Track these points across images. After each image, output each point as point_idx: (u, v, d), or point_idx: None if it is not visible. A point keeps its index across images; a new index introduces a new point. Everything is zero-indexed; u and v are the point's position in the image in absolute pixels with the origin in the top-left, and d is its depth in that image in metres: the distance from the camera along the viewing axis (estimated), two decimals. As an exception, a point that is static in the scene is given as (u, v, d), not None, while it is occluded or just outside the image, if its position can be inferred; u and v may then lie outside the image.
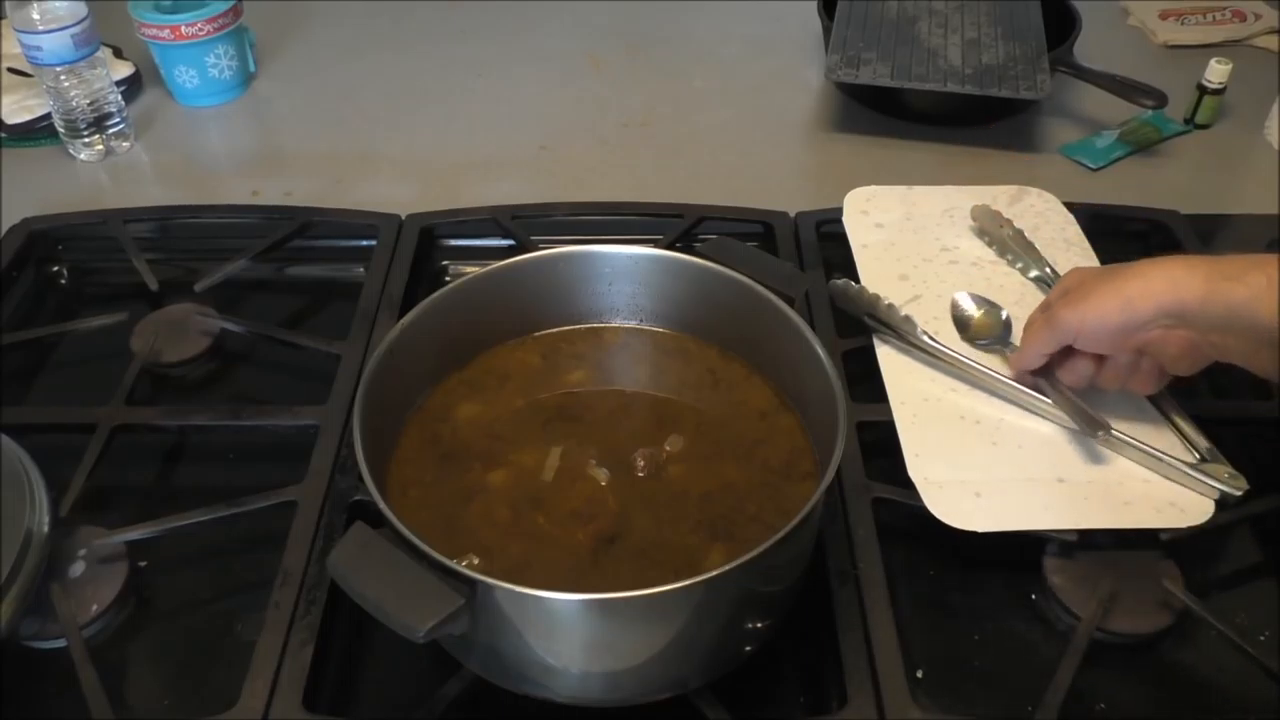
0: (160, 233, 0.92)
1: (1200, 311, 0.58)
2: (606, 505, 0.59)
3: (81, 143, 1.01)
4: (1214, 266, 0.58)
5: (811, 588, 0.61)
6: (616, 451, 0.62)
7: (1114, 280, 0.62)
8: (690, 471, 0.62)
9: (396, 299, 0.81)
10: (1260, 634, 0.62)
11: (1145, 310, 0.60)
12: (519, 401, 0.66)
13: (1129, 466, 0.67)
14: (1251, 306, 0.56)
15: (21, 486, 0.62)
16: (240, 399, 0.78)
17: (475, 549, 0.57)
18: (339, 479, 0.68)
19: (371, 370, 0.59)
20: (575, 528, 0.58)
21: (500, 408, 0.65)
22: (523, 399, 0.66)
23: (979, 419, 0.70)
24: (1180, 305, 0.59)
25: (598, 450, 0.62)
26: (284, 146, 1.06)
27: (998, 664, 0.61)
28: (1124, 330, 0.61)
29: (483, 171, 1.00)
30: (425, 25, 1.26)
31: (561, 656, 0.54)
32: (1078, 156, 1.01)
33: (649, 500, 0.60)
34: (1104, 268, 0.65)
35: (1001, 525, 0.63)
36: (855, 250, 0.83)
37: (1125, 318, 0.61)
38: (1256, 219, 0.92)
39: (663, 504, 0.60)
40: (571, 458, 0.62)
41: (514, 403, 0.65)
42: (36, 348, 0.82)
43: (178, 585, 0.65)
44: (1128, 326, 0.61)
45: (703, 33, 1.24)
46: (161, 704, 0.59)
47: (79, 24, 0.95)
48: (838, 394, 0.57)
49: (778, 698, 0.60)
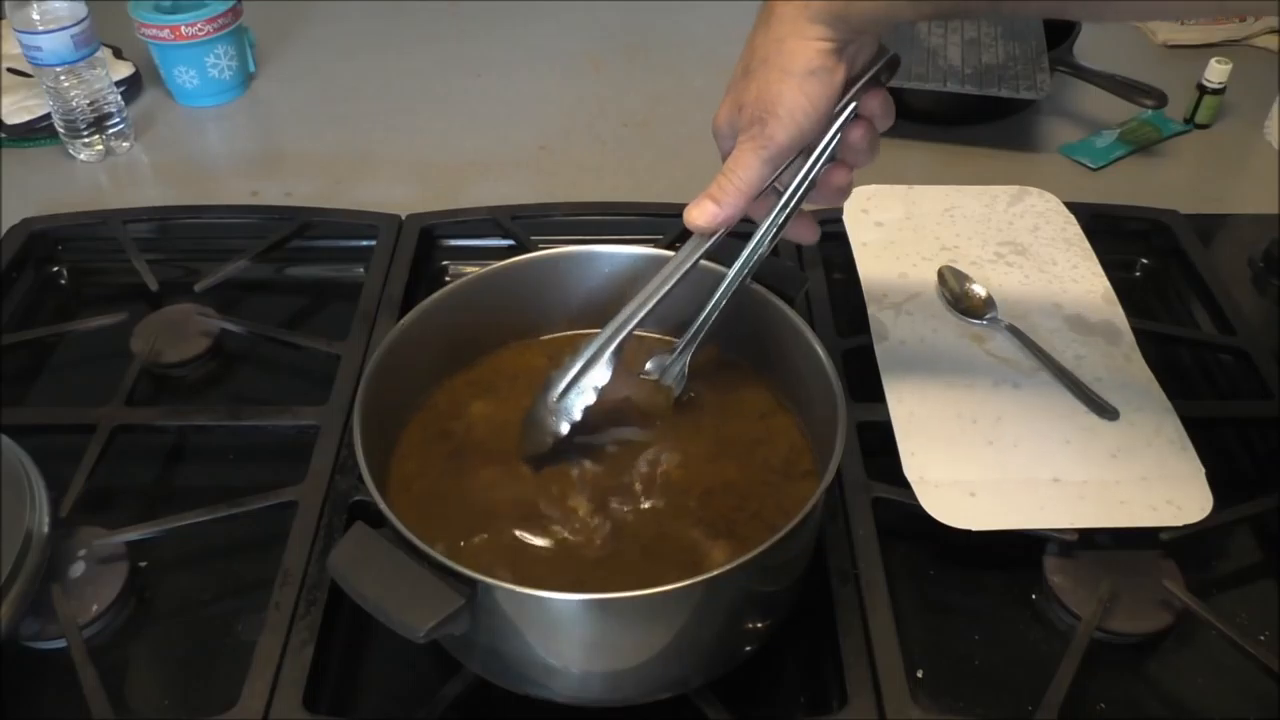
0: (160, 233, 0.92)
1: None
2: (608, 504, 0.59)
3: (81, 143, 1.01)
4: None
5: (811, 588, 0.61)
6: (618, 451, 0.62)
7: (767, 72, 0.54)
8: (690, 471, 0.62)
9: (396, 299, 0.81)
10: (1260, 634, 0.62)
11: (819, 58, 0.53)
12: (527, 401, 0.66)
13: (1126, 466, 0.67)
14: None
15: (21, 487, 0.62)
16: (240, 399, 0.78)
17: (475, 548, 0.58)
18: (339, 479, 0.68)
19: (371, 370, 0.59)
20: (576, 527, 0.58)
21: (507, 409, 0.65)
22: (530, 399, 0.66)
23: (976, 418, 0.70)
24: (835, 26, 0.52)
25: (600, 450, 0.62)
26: (284, 147, 1.06)
27: (998, 664, 0.61)
28: (827, 88, 0.53)
29: (483, 171, 1.00)
30: (425, 25, 1.26)
31: (562, 656, 0.54)
32: (1078, 156, 1.01)
33: (650, 500, 0.60)
34: (735, 91, 0.56)
35: (997, 524, 0.63)
36: (855, 249, 0.83)
37: (822, 82, 0.53)
38: (1256, 219, 0.93)
39: (664, 504, 0.60)
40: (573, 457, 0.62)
41: (523, 402, 0.65)
42: (36, 348, 0.82)
43: (178, 585, 0.65)
44: (831, 85, 0.53)
45: (703, 33, 1.24)
46: (161, 704, 0.59)
47: (79, 24, 0.95)
48: (838, 394, 0.57)
49: (778, 697, 0.60)
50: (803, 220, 0.61)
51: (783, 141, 0.54)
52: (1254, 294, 0.86)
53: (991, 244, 0.85)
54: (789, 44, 0.52)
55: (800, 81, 0.53)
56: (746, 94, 0.54)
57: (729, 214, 0.57)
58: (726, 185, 0.56)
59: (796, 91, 0.53)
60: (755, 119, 0.54)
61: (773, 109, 0.53)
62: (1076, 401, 0.71)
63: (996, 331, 0.77)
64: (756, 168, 0.55)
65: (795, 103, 0.53)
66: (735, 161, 0.56)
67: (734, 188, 0.56)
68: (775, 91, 0.53)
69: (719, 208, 0.56)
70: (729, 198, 0.56)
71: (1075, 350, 0.75)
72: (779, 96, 0.53)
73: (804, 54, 0.52)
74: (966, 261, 0.83)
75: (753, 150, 0.55)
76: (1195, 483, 0.66)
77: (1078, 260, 0.83)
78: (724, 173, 0.56)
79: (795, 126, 0.54)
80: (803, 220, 0.61)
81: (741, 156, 0.55)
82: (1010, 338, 0.76)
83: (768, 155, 0.55)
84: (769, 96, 0.53)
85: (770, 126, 0.54)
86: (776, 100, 0.53)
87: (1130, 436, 0.69)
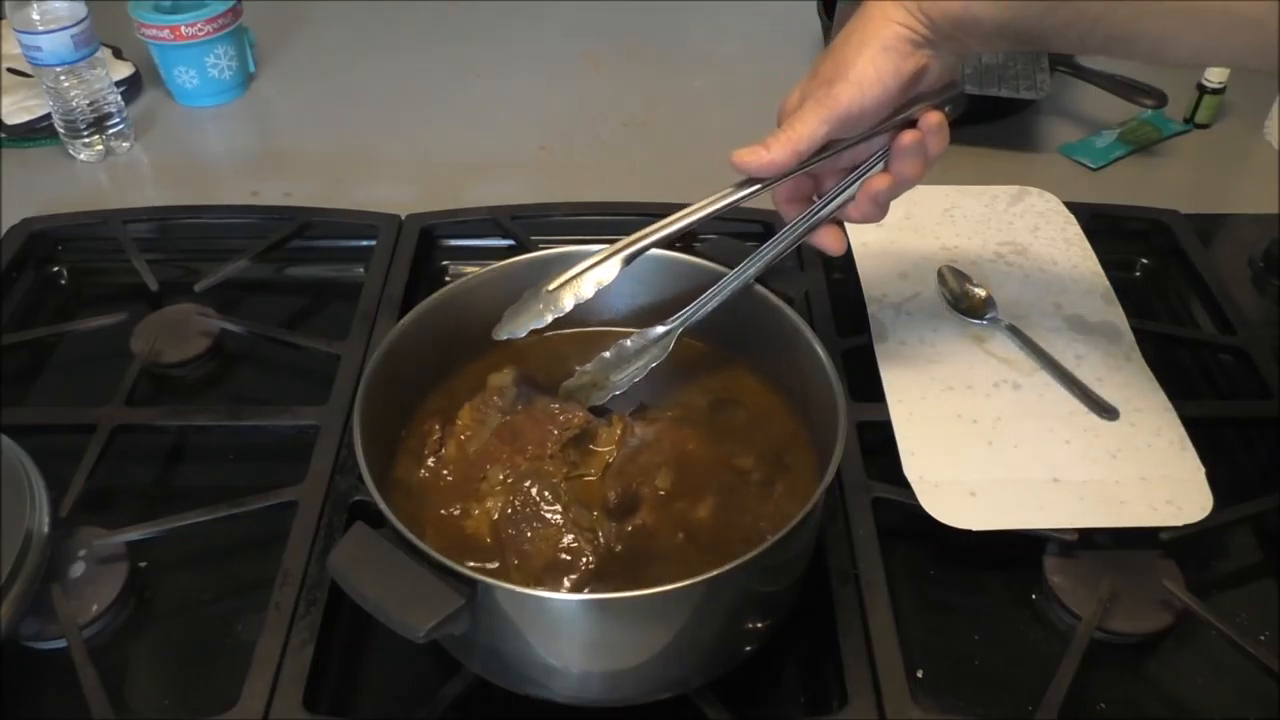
0: (160, 233, 0.92)
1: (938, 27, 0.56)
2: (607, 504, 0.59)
3: (81, 143, 1.01)
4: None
5: (811, 588, 0.61)
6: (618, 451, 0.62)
7: (846, 42, 0.58)
8: (690, 471, 0.62)
9: (396, 299, 0.81)
10: (1260, 634, 0.62)
11: (897, 40, 0.57)
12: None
13: (1125, 466, 0.67)
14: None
15: (22, 487, 0.62)
16: (240, 399, 0.78)
17: (477, 549, 0.58)
18: (339, 479, 0.68)
19: (371, 370, 0.59)
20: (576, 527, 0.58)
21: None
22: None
23: (975, 418, 0.70)
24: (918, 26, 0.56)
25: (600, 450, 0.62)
26: (284, 147, 1.06)
27: (998, 664, 0.61)
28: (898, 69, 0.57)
29: (483, 171, 1.00)
30: (425, 26, 1.26)
31: (562, 656, 0.54)
32: (1078, 156, 1.01)
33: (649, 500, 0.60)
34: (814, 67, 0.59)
35: (996, 524, 0.63)
36: (855, 249, 0.83)
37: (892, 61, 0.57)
38: (1256, 219, 0.93)
39: (663, 503, 0.60)
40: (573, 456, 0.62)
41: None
42: (36, 348, 0.82)
43: (178, 585, 0.65)
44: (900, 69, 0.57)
45: (703, 33, 1.24)
46: (161, 704, 0.59)
47: (79, 24, 0.95)
48: (838, 394, 0.57)
49: (778, 698, 0.60)
50: (831, 230, 0.64)
51: (844, 104, 0.57)
52: (1254, 294, 0.86)
53: (991, 244, 0.85)
54: (873, 21, 0.57)
55: (874, 53, 0.57)
56: (824, 64, 0.58)
57: (775, 160, 0.58)
58: (780, 135, 0.59)
59: (868, 62, 0.57)
60: (825, 81, 0.58)
61: (844, 72, 0.57)
62: (1076, 401, 0.71)
63: (996, 331, 0.77)
64: (814, 125, 0.58)
65: (864, 71, 0.57)
66: (795, 117, 0.59)
67: (786, 137, 0.58)
68: (849, 57, 0.57)
69: (767, 151, 0.58)
70: (780, 145, 0.58)
71: (1075, 350, 0.75)
72: (851, 61, 0.57)
73: (883, 31, 0.56)
74: (966, 261, 0.83)
75: (814, 108, 0.58)
76: (1195, 483, 0.66)
77: (1078, 260, 0.83)
78: (784, 125, 0.59)
79: (859, 93, 0.57)
80: (831, 230, 0.64)
81: (803, 113, 0.58)
82: (1010, 338, 0.76)
83: (827, 114, 0.57)
84: (842, 61, 0.57)
85: (837, 87, 0.57)
86: (849, 65, 0.57)
87: (1130, 436, 0.69)
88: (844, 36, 0.58)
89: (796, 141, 0.58)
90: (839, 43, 0.58)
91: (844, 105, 0.57)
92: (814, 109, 0.57)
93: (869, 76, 0.57)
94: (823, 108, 0.57)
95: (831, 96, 0.57)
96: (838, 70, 0.57)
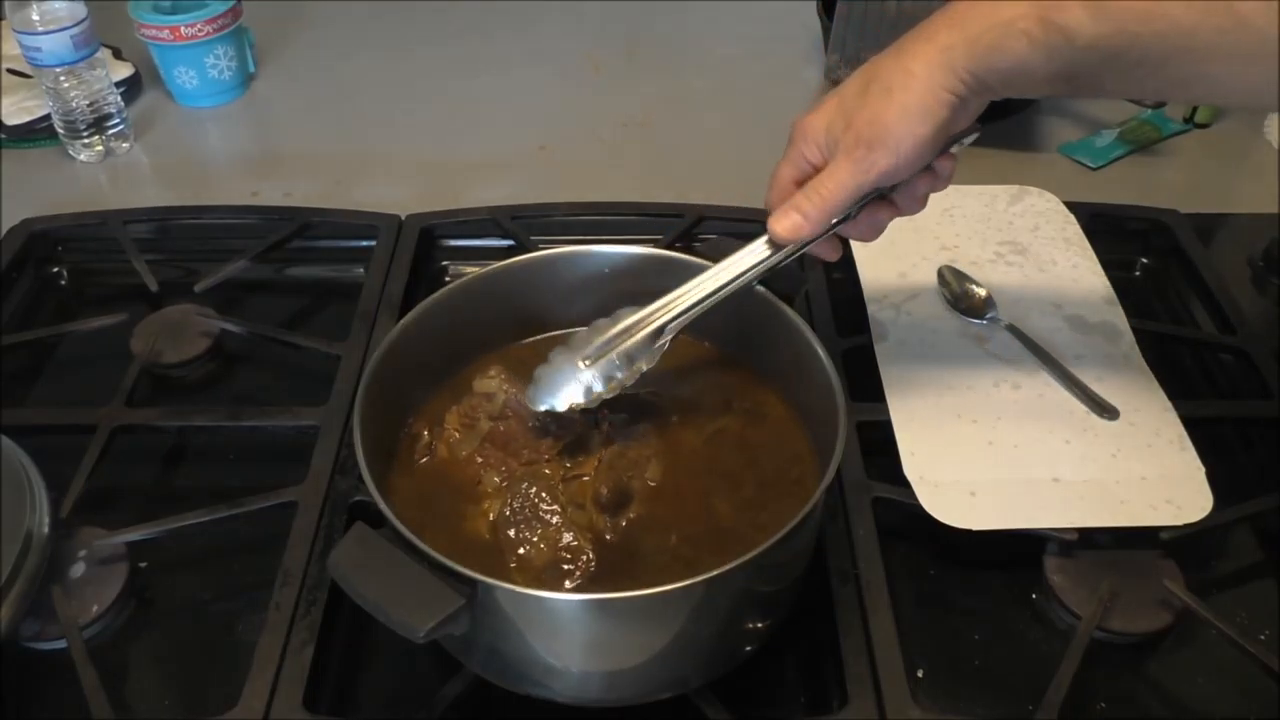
0: (160, 234, 0.92)
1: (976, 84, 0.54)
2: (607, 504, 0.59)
3: (81, 144, 1.01)
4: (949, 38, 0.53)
5: (811, 588, 0.61)
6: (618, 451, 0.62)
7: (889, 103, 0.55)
8: (689, 471, 0.62)
9: (396, 299, 0.81)
10: (1260, 634, 0.62)
11: (941, 107, 0.54)
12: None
13: (1125, 466, 0.67)
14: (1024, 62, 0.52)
15: (22, 488, 0.62)
16: (240, 400, 0.78)
17: (477, 549, 0.58)
18: (339, 479, 0.68)
19: (371, 370, 0.59)
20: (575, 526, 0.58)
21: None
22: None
23: (975, 418, 0.70)
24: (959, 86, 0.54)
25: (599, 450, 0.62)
26: (283, 147, 1.06)
27: (998, 663, 0.61)
28: (937, 133, 0.55)
29: (483, 171, 1.00)
30: (425, 25, 1.26)
31: (562, 656, 0.54)
32: (1077, 156, 1.01)
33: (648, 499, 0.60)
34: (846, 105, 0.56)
35: (997, 524, 0.63)
36: (855, 249, 0.83)
37: (935, 130, 0.54)
38: (1256, 218, 0.92)
39: (663, 503, 0.60)
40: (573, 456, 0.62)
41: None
42: (36, 348, 0.82)
43: (178, 586, 0.65)
44: (940, 135, 0.55)
45: (702, 33, 1.24)
46: (161, 704, 0.60)
47: (78, 25, 0.95)
48: (838, 394, 0.57)
49: (778, 697, 0.60)
50: (829, 239, 0.62)
51: (883, 170, 0.55)
52: (1254, 294, 0.86)
53: (991, 244, 0.85)
54: (918, 84, 0.53)
55: (918, 122, 0.54)
56: (860, 114, 0.55)
57: (814, 229, 0.58)
58: (816, 200, 0.57)
59: (909, 131, 0.54)
60: (862, 142, 0.55)
61: (883, 139, 0.54)
62: (1076, 401, 0.71)
63: (996, 331, 0.77)
64: (851, 189, 0.56)
65: (906, 141, 0.54)
66: (831, 178, 0.56)
67: (824, 202, 0.57)
68: (891, 123, 0.54)
69: (805, 221, 0.57)
70: (817, 212, 0.57)
71: (1075, 350, 0.75)
72: (893, 129, 0.54)
73: (930, 98, 0.53)
74: (966, 261, 0.83)
75: (851, 171, 0.56)
76: (1195, 483, 0.66)
77: (1078, 260, 0.83)
78: (815, 187, 0.57)
79: (899, 161, 0.55)
80: (829, 239, 0.62)
81: (838, 174, 0.56)
82: (1010, 337, 0.76)
83: (865, 180, 0.56)
84: (883, 125, 0.54)
85: (876, 153, 0.55)
86: (889, 132, 0.54)
87: (1130, 436, 0.69)
88: (884, 88, 0.54)
89: (831, 205, 0.57)
90: (878, 93, 0.54)
91: (881, 171, 0.55)
92: (849, 171, 0.56)
93: (909, 145, 0.54)
94: (860, 172, 0.55)
95: (869, 161, 0.55)
96: (875, 134, 0.54)
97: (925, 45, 0.53)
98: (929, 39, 0.53)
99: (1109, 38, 0.50)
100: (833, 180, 0.56)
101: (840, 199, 0.56)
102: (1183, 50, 0.49)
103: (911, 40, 0.54)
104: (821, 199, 0.57)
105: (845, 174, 0.56)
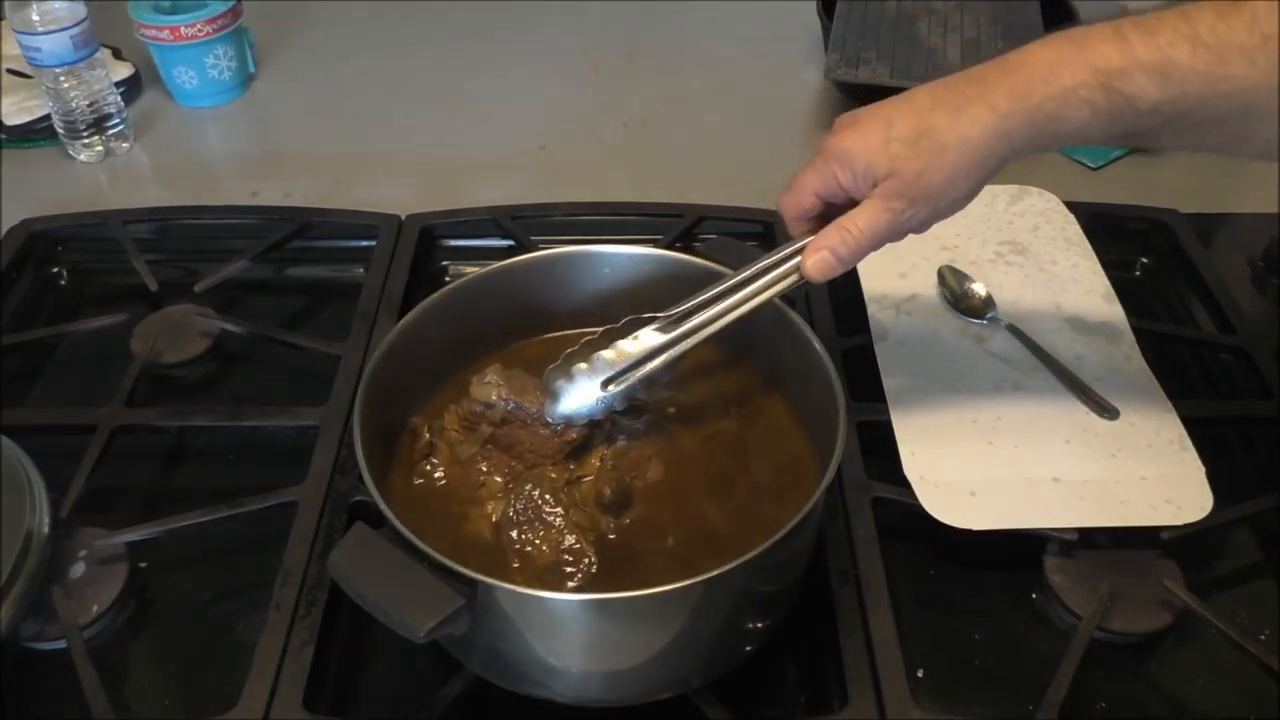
0: (160, 234, 0.92)
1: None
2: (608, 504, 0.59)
3: (81, 144, 1.01)
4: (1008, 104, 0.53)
5: (811, 588, 0.61)
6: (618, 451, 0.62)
7: (941, 161, 0.55)
8: (689, 471, 0.62)
9: (396, 299, 0.81)
10: (1260, 634, 0.62)
11: (988, 171, 0.56)
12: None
13: (1125, 466, 0.67)
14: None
15: (22, 488, 0.62)
16: (240, 400, 0.78)
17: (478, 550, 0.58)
18: (339, 479, 0.68)
19: (371, 370, 0.59)
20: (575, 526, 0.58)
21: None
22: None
23: (975, 418, 0.70)
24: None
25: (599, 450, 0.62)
26: (283, 147, 1.06)
27: (998, 663, 0.61)
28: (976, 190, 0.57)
29: (483, 171, 1.00)
30: (425, 25, 1.26)
31: (562, 656, 0.54)
32: (1077, 155, 1.01)
33: (648, 499, 0.60)
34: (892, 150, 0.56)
35: (997, 524, 0.63)
36: (855, 250, 0.83)
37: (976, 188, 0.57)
38: (1256, 218, 0.92)
39: (663, 503, 0.60)
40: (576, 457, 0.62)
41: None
42: (36, 349, 0.82)
43: (178, 586, 0.65)
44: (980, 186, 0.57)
45: (702, 33, 1.24)
46: (161, 704, 0.60)
47: (78, 25, 0.95)
48: (838, 394, 0.57)
49: (778, 698, 0.60)
50: None
51: (920, 222, 0.57)
52: (1254, 294, 0.86)
53: (991, 244, 0.85)
54: (972, 149, 0.54)
55: (963, 182, 0.55)
56: (907, 165, 0.55)
57: (843, 268, 0.59)
58: (850, 242, 0.57)
59: (954, 191, 0.55)
60: (906, 195, 0.55)
61: (928, 195, 0.55)
62: (1076, 401, 0.71)
63: (996, 331, 0.77)
64: (883, 235, 0.57)
65: (946, 199, 0.56)
66: (864, 218, 0.57)
67: (855, 243, 0.57)
68: (938, 184, 0.55)
69: (838, 262, 0.58)
70: (848, 252, 0.58)
71: (1075, 350, 0.75)
72: (940, 189, 0.55)
73: (980, 162, 0.54)
74: (966, 261, 0.83)
75: (887, 220, 0.56)
76: (1195, 482, 0.66)
77: (1078, 260, 0.83)
78: (848, 228, 0.57)
79: (935, 216, 0.57)
80: None
81: (872, 217, 0.57)
82: (1010, 338, 0.76)
83: (898, 229, 0.57)
84: (930, 184, 0.55)
85: (919, 206, 0.56)
86: (934, 191, 0.55)
87: (1130, 436, 0.69)
88: (938, 145, 0.54)
89: (865, 246, 0.57)
90: (929, 154, 0.54)
91: (918, 223, 0.57)
92: (886, 219, 0.56)
93: (947, 203, 0.56)
94: (896, 221, 0.56)
95: (909, 214, 0.56)
96: (920, 192, 0.55)
97: (984, 111, 0.53)
98: (989, 105, 0.53)
99: (1174, 102, 0.50)
100: (865, 221, 0.57)
101: (871, 242, 0.57)
102: (1244, 108, 0.50)
103: (968, 100, 0.54)
104: (854, 239, 0.57)
105: (881, 220, 0.56)
